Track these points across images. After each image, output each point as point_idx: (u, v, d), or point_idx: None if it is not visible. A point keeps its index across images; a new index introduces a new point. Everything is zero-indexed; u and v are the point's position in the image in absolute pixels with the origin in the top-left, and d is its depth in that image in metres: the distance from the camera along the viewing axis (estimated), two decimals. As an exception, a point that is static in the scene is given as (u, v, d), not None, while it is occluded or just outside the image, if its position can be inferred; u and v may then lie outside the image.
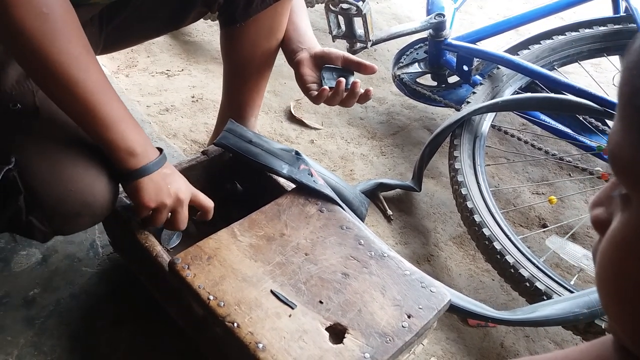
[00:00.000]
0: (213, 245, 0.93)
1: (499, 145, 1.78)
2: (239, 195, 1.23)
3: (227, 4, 1.17)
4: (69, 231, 0.98)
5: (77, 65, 0.81)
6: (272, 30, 1.21)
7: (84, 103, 0.82)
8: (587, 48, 1.70)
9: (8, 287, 1.18)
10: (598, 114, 1.43)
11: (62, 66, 0.79)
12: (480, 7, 2.70)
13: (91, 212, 0.94)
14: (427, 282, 0.91)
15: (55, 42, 0.78)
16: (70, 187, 0.90)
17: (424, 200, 1.58)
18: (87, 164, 0.93)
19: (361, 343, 0.80)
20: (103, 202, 0.94)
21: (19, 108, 0.90)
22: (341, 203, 1.04)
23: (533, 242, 1.48)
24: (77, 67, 0.81)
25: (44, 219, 0.90)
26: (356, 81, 1.04)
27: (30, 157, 0.89)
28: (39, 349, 1.09)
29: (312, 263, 0.92)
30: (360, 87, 1.05)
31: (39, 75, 0.82)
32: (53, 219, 0.92)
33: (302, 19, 1.24)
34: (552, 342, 1.24)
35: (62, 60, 0.79)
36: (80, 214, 0.93)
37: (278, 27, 1.21)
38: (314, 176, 1.06)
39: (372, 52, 2.22)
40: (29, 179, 0.88)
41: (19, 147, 0.89)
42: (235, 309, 0.83)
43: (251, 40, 1.22)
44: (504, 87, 1.60)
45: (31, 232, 0.91)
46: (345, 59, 1.10)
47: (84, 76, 0.81)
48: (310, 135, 1.76)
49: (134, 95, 1.80)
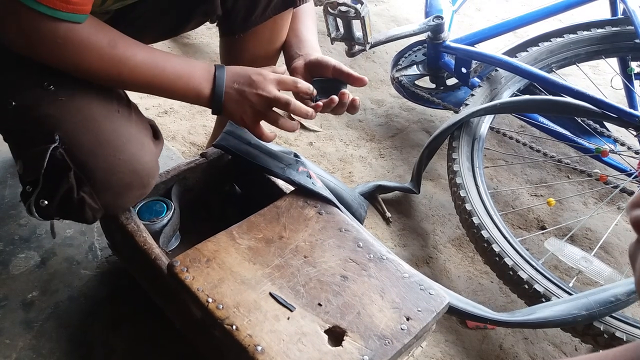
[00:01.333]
0: (212, 248, 0.93)
1: (497, 148, 1.79)
2: (238, 198, 1.23)
3: (225, 16, 1.17)
4: (120, 205, 0.99)
5: (119, 62, 0.89)
6: (271, 41, 1.20)
7: (145, 81, 0.94)
8: (585, 50, 1.71)
9: (6, 290, 1.18)
10: (596, 116, 1.43)
11: (109, 71, 0.89)
12: (478, 9, 2.70)
13: (140, 181, 0.95)
14: (425, 285, 0.91)
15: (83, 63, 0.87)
16: (119, 156, 0.91)
17: (422, 203, 1.58)
18: (130, 132, 0.95)
19: (360, 345, 0.80)
20: (150, 169, 0.97)
21: (52, 88, 0.91)
22: (340, 205, 1.04)
23: (532, 244, 1.48)
24: (120, 63, 0.89)
25: (94, 195, 0.90)
26: (344, 92, 1.03)
27: (73, 132, 0.89)
28: (38, 352, 1.08)
29: (311, 265, 0.91)
30: (348, 98, 1.04)
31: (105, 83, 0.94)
32: (105, 192, 0.92)
33: (305, 24, 1.24)
34: (551, 345, 1.24)
35: (105, 68, 0.88)
36: (131, 185, 0.94)
37: (277, 38, 1.20)
38: (313, 178, 1.06)
39: (370, 55, 2.22)
40: (76, 154, 0.88)
41: (61, 124, 0.88)
42: (234, 311, 0.83)
43: (250, 50, 1.22)
44: (503, 90, 1.61)
45: (82, 211, 0.91)
46: (335, 69, 1.08)
47: (128, 67, 0.90)
48: (309, 138, 1.76)
49: (133, 97, 1.77)
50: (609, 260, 1.45)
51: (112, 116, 0.95)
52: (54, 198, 0.89)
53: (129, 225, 1.00)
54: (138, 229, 1.00)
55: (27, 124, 0.91)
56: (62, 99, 0.91)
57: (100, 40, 0.86)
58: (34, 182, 0.89)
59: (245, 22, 1.15)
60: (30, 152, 0.89)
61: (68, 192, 0.88)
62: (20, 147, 0.93)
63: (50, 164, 0.87)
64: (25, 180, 0.90)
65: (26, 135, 0.91)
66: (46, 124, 0.89)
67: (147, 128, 1.03)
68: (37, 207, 0.89)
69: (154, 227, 1.05)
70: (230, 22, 1.17)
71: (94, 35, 0.85)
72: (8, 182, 1.41)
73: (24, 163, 0.91)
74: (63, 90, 0.91)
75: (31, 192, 0.89)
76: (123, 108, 0.98)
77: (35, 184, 0.89)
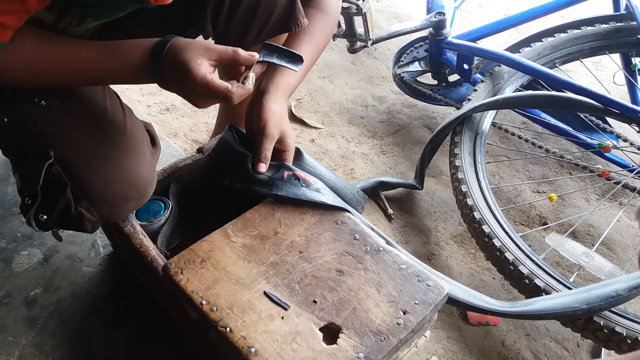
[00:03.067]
0: (206, 248, 0.93)
1: (499, 144, 1.78)
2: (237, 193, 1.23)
3: (218, 38, 1.14)
4: (117, 216, 0.99)
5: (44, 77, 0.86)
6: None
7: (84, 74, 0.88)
8: (588, 46, 1.69)
9: (9, 287, 1.19)
10: (599, 112, 1.42)
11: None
12: (480, 5, 2.69)
13: (137, 192, 0.95)
14: (423, 276, 0.90)
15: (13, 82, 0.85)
16: (114, 170, 0.91)
17: (424, 199, 1.57)
18: (125, 144, 0.95)
19: (355, 343, 0.80)
20: (147, 180, 0.97)
21: (44, 103, 0.91)
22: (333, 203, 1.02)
23: (533, 239, 1.47)
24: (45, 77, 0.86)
25: (91, 208, 0.91)
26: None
27: (67, 148, 0.89)
28: (41, 349, 1.09)
29: (306, 261, 0.91)
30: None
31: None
32: (101, 206, 0.92)
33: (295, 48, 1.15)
34: (553, 341, 1.24)
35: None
36: (128, 197, 0.94)
37: None
38: (302, 179, 1.04)
39: (372, 51, 2.21)
40: (72, 170, 0.89)
41: (54, 140, 0.89)
42: (228, 313, 0.83)
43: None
44: (505, 85, 1.60)
45: (81, 224, 0.92)
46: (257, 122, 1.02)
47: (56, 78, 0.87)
48: (310, 135, 1.76)
49: (135, 94, 1.81)
50: (611, 256, 1.44)
51: (106, 128, 0.95)
52: (53, 213, 0.90)
53: (125, 228, 1.00)
54: (135, 231, 1.00)
55: (20, 140, 0.92)
56: (54, 114, 0.92)
57: (14, 64, 0.83)
58: (32, 195, 0.90)
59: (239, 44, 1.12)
60: (26, 168, 0.89)
61: (66, 206, 0.89)
62: (17, 162, 0.94)
63: (47, 179, 0.87)
64: (23, 194, 0.91)
65: (21, 151, 0.92)
66: (40, 141, 0.89)
67: (144, 136, 1.02)
68: (37, 221, 0.90)
69: (152, 228, 1.06)
70: (223, 43, 1.14)
71: (9, 61, 0.82)
72: (11, 179, 1.42)
73: (21, 178, 0.92)
74: (55, 105, 0.92)
75: (30, 205, 0.90)
76: (117, 116, 0.98)
77: (34, 198, 0.89)
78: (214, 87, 0.85)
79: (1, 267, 1.23)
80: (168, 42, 0.86)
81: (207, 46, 0.89)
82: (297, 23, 1.09)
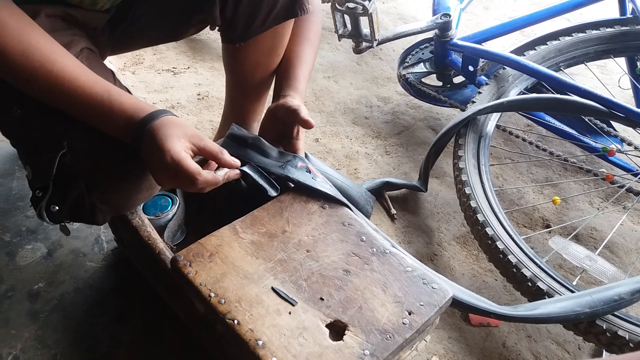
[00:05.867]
0: (215, 242, 0.93)
1: (503, 146, 1.78)
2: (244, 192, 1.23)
3: (225, 25, 1.16)
4: (128, 207, 0.99)
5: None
6: (272, 50, 1.19)
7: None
8: (593, 49, 1.70)
9: (13, 281, 1.19)
10: (603, 115, 1.42)
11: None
12: (486, 7, 2.69)
13: (149, 183, 0.95)
14: (428, 279, 0.91)
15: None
16: (127, 160, 0.91)
17: (428, 200, 1.58)
18: None
19: (361, 340, 0.81)
20: None
21: None
22: (342, 199, 1.04)
23: (536, 242, 1.47)
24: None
25: (104, 199, 0.91)
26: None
27: (81, 139, 0.89)
28: (43, 343, 1.10)
29: (314, 260, 0.92)
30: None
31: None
32: (114, 196, 0.92)
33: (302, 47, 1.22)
34: (554, 343, 1.24)
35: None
36: (140, 187, 0.94)
37: (279, 46, 1.19)
38: (313, 173, 1.05)
39: (377, 52, 2.22)
40: (85, 160, 0.89)
41: (68, 131, 0.89)
42: (236, 306, 0.84)
43: (251, 58, 1.21)
44: (510, 88, 1.60)
45: (93, 215, 0.91)
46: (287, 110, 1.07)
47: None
48: (315, 134, 1.76)
49: (140, 92, 1.81)
50: (614, 259, 1.44)
51: None
52: (65, 203, 0.89)
53: (133, 220, 1.01)
54: (142, 223, 1.00)
55: (33, 131, 0.91)
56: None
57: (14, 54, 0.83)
58: (43, 187, 0.89)
59: (246, 31, 1.14)
60: (39, 159, 0.89)
61: (79, 197, 0.89)
62: (28, 154, 0.93)
63: (59, 170, 0.87)
64: (34, 186, 0.91)
65: (33, 142, 0.92)
66: (53, 131, 0.89)
67: None
68: (48, 212, 0.90)
69: (159, 222, 1.06)
70: (230, 31, 1.16)
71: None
72: (16, 174, 1.42)
73: (33, 169, 0.91)
74: None
75: (41, 197, 0.90)
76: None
77: (45, 190, 0.89)
78: (185, 164, 0.84)
79: (5, 260, 1.23)
80: (157, 117, 0.87)
81: (195, 132, 0.90)
82: (303, 8, 1.13)
